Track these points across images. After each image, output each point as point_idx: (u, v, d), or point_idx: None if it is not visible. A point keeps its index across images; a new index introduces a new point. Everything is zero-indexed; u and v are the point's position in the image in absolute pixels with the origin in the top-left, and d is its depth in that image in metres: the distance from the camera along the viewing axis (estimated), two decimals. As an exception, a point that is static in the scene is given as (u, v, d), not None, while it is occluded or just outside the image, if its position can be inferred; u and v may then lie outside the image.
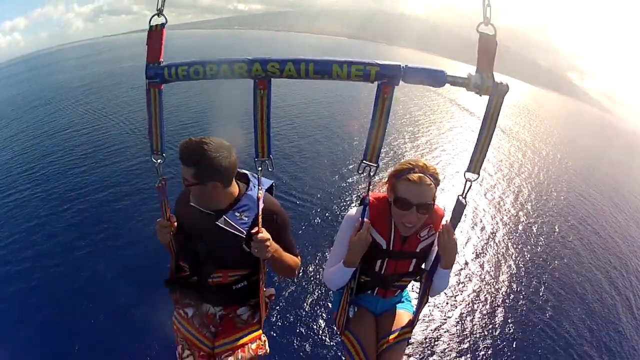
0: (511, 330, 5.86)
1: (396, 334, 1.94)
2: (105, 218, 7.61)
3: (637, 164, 24.94)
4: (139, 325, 5.05)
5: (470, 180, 1.50)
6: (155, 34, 1.46)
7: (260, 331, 1.95)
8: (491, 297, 6.54)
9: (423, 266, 1.93)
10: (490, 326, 5.87)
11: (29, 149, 11.73)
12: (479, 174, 1.49)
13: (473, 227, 8.80)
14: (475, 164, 1.48)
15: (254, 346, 1.89)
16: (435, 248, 1.77)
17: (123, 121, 14.27)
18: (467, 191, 1.53)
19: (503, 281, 7.07)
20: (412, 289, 2.74)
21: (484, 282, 6.89)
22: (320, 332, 5.11)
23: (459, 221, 1.64)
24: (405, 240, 1.81)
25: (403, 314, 2.06)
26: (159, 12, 1.42)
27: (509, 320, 6.06)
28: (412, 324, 2.00)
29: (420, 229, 1.79)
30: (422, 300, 1.89)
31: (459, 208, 1.59)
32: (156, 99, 1.54)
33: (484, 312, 6.16)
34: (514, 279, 7.21)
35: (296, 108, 17.06)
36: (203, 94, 17.92)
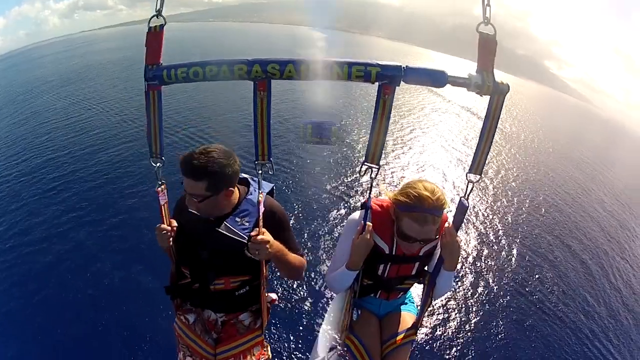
0: (516, 324, 5.87)
1: (401, 336, 1.92)
2: (110, 220, 7.59)
3: (615, 149, 26.35)
4: (141, 330, 5.05)
5: (472, 182, 1.49)
6: (153, 35, 1.44)
7: (262, 337, 1.92)
8: (493, 294, 6.55)
9: (426, 268, 1.91)
10: (495, 322, 5.87)
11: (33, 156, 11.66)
12: (481, 174, 1.48)
13: (471, 223, 8.88)
14: (478, 165, 1.47)
15: (256, 352, 1.86)
16: (438, 250, 1.75)
17: (123, 119, 14.17)
18: (470, 192, 1.51)
19: (505, 276, 7.11)
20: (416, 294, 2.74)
21: (486, 279, 6.89)
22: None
23: (462, 223, 1.63)
24: None
25: (407, 316, 2.04)
26: (158, 14, 1.40)
27: (514, 314, 6.11)
28: (416, 325, 1.98)
29: None
30: (426, 303, 1.87)
31: (462, 210, 1.57)
32: (155, 101, 1.52)
33: (489, 310, 6.16)
34: (515, 272, 7.34)
35: (294, 107, 17.01)
36: (203, 95, 17.81)
